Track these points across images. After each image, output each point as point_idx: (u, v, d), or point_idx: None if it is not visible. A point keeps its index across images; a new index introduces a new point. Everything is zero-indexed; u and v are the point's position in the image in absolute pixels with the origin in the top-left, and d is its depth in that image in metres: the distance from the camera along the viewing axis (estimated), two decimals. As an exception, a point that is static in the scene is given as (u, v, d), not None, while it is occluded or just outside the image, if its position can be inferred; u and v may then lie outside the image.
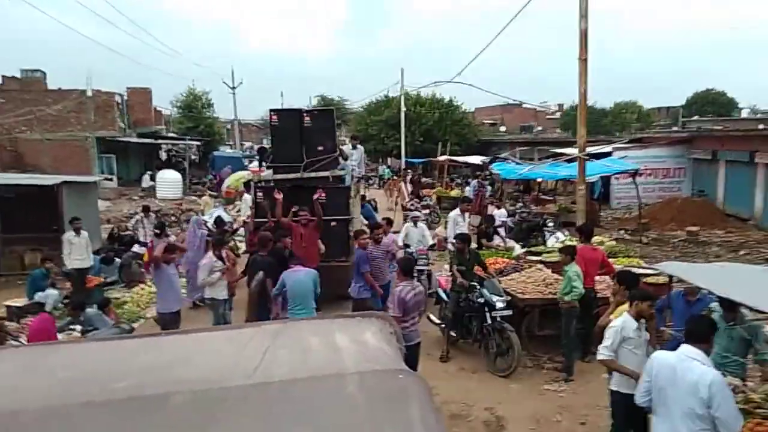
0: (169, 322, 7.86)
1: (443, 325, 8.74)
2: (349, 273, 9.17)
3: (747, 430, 4.32)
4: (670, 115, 61.84)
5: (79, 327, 8.94)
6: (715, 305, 5.41)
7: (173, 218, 19.66)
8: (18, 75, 32.51)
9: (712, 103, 60.43)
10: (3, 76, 31.84)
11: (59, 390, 2.07)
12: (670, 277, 5.21)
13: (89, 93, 28.39)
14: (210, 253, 8.48)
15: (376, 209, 16.85)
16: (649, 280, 8.11)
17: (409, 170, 32.94)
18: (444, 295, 9.01)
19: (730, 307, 5.19)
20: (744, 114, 58.33)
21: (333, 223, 10.54)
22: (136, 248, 13.79)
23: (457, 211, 12.04)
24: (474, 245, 11.07)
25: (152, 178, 30.17)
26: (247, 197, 15.42)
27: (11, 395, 2.02)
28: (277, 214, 9.80)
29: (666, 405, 3.92)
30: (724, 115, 53.93)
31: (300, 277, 7.32)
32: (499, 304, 7.82)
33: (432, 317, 9.04)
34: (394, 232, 11.17)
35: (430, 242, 11.45)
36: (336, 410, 1.85)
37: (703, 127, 31.22)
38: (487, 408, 6.83)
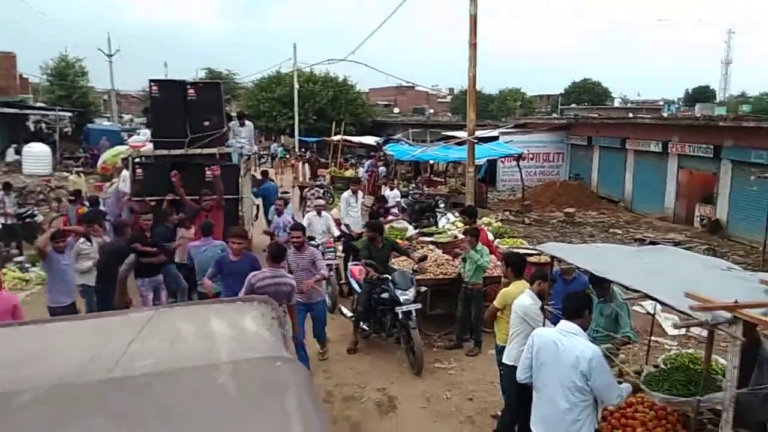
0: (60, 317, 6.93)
1: (354, 318, 8.27)
2: None
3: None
4: (550, 102, 65.64)
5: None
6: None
7: (41, 196, 17.96)
8: None
9: (589, 92, 64.80)
10: None
11: None
12: (552, 257, 5.40)
13: (-60, 55, 25.19)
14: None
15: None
16: (532, 259, 8.47)
17: (306, 150, 32.48)
18: (356, 287, 8.56)
19: (600, 284, 5.51)
20: (616, 103, 63.19)
21: (219, 201, 10.02)
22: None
23: (348, 192, 11.96)
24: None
25: (17, 151, 27.44)
26: (125, 174, 14.38)
27: None
28: (179, 194, 9.47)
29: (546, 379, 4.06)
30: (599, 104, 58.07)
31: (207, 252, 7.45)
32: (404, 298, 7.37)
33: (344, 309, 8.75)
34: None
35: (336, 233, 10.39)
36: (204, 403, 1.68)
37: (580, 115, 33.32)
38: (380, 389, 6.87)
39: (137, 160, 10.96)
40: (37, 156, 25.99)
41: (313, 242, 9.08)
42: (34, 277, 11.02)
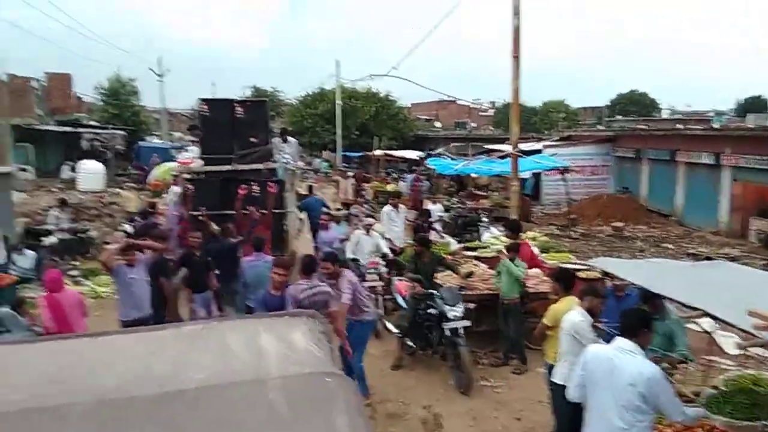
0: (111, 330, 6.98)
1: (399, 334, 8.12)
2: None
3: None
4: (596, 114, 64.42)
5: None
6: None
7: (94, 211, 18.59)
8: None
9: (635, 104, 63.31)
10: None
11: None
12: (605, 273, 5.24)
13: (3, 77, 26.50)
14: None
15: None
16: (582, 275, 8.26)
17: (348, 165, 32.74)
18: (402, 302, 8.44)
19: (653, 301, 5.31)
20: (664, 114, 61.50)
21: (266, 215, 10.14)
22: (46, 240, 13.00)
23: (389, 206, 11.93)
24: (410, 240, 10.99)
25: (72, 169, 28.54)
26: (175, 189, 14.76)
27: None
28: (236, 208, 9.56)
29: (600, 398, 3.92)
30: (646, 115, 56.65)
31: (258, 267, 7.57)
32: (453, 314, 7.20)
33: (389, 325, 8.63)
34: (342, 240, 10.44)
35: (386, 250, 9.90)
36: (255, 419, 1.67)
37: (627, 127, 32.59)
38: (425, 406, 6.75)
39: (187, 176, 11.25)
40: (90, 173, 26.91)
41: (358, 263, 9.31)
42: (87, 291, 11.36)
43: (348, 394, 1.75)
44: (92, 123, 37.60)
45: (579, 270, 8.49)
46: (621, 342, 3.93)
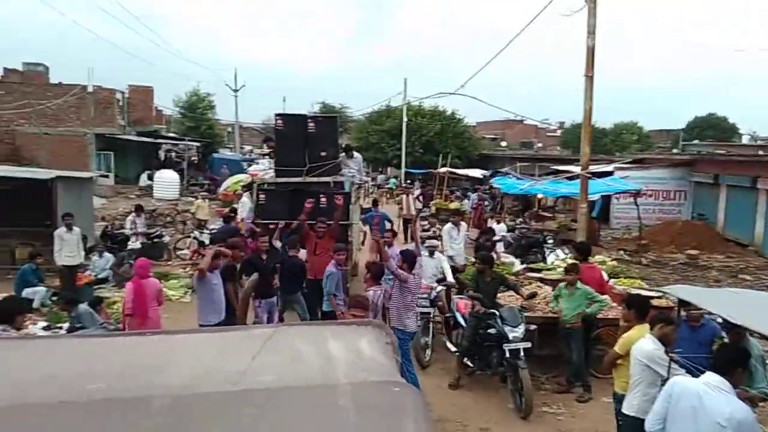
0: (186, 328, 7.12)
1: (458, 353, 8.03)
2: (347, 278, 9.16)
3: None
4: (671, 137, 61.98)
5: (65, 326, 8.73)
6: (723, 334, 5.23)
7: (168, 219, 19.43)
8: (20, 68, 32.42)
9: (714, 128, 60.61)
10: (5, 68, 31.76)
11: (30, 388, 1.89)
12: (680, 301, 4.99)
13: (90, 89, 28.27)
14: None
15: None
16: (653, 302, 7.90)
17: (412, 182, 32.79)
18: (461, 320, 8.25)
19: (735, 333, 5.01)
20: (745, 140, 58.51)
21: (331, 226, 10.33)
22: (130, 245, 13.65)
23: (450, 224, 11.88)
24: (472, 259, 10.87)
25: (150, 177, 29.98)
26: (246, 200, 15.29)
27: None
28: (302, 221, 9.67)
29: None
30: (725, 140, 54.04)
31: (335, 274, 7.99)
32: (514, 335, 7.09)
33: (448, 343, 8.53)
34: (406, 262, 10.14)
35: (450, 277, 9.48)
36: (325, 422, 1.67)
37: (705, 151, 31.19)
38: (482, 428, 6.62)
39: (260, 186, 11.78)
40: (166, 182, 28.21)
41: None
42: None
43: (416, 404, 1.73)
44: (170, 135, 39.46)
45: (650, 297, 8.13)
46: (711, 377, 3.71)
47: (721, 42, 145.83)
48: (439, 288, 9.10)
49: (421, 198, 22.95)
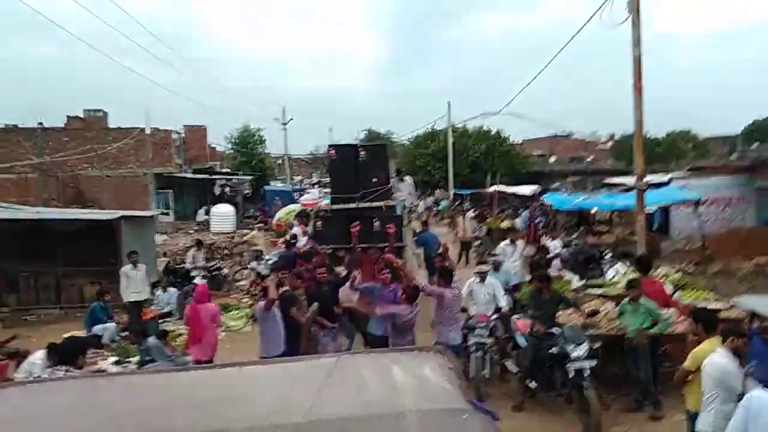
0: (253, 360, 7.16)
1: (519, 374, 7.89)
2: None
3: None
4: (728, 144, 59.65)
5: (134, 359, 9.05)
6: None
7: (226, 251, 19.97)
8: (81, 115, 34.25)
9: (774, 131, 57.96)
10: (68, 116, 33.60)
11: (114, 426, 2.00)
12: (752, 312, 4.79)
13: (147, 131, 29.58)
14: None
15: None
16: (723, 314, 7.59)
17: (461, 202, 32.59)
18: (522, 340, 8.06)
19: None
20: (809, 141, 55.62)
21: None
22: (196, 280, 14.09)
23: (507, 241, 11.88)
24: (528, 277, 10.70)
25: (207, 212, 30.93)
26: (296, 229, 15.68)
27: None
28: (353, 244, 9.89)
29: None
30: (787, 142, 51.56)
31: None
32: (576, 354, 6.87)
33: (508, 365, 8.36)
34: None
35: (504, 303, 8.80)
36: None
37: (765, 155, 29.79)
38: (551, 452, 6.44)
39: (318, 213, 12.56)
40: (223, 216, 29.01)
41: (468, 313, 8.52)
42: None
43: (486, 430, 1.75)
44: (224, 170, 40.74)
45: (718, 310, 7.82)
46: None
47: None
48: (495, 317, 8.50)
49: (478, 219, 22.38)
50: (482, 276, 8.98)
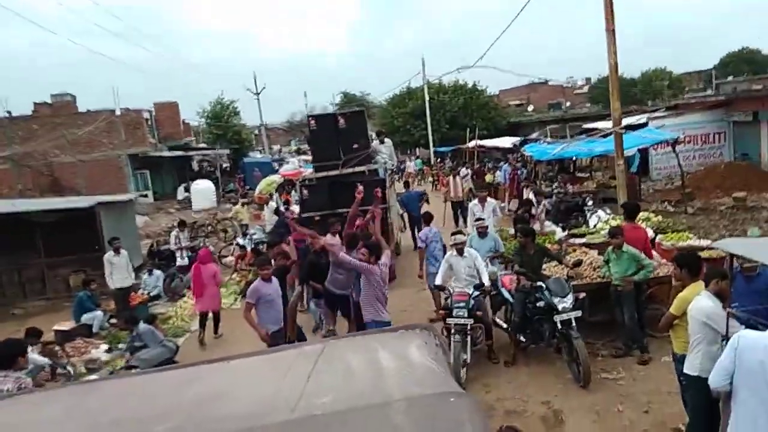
0: (268, 344, 6.84)
1: (509, 329, 7.92)
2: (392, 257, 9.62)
3: None
4: (703, 78, 59.82)
5: (124, 346, 9.04)
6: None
7: (210, 228, 19.81)
8: (49, 100, 33.33)
9: (748, 62, 58.17)
10: (35, 103, 32.69)
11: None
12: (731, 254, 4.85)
13: (118, 112, 28.93)
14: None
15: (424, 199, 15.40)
16: (704, 254, 7.70)
17: (442, 160, 32.43)
18: (508, 296, 8.09)
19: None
20: (783, 69, 56.03)
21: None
22: (178, 261, 14.00)
23: (475, 201, 11.59)
24: (511, 230, 10.74)
25: (186, 189, 30.58)
26: (272, 204, 15.82)
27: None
28: (353, 210, 9.29)
29: (750, 391, 3.64)
30: (761, 73, 51.83)
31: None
32: (563, 306, 6.98)
33: (498, 320, 8.38)
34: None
35: (487, 280, 7.83)
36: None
37: (739, 88, 30.00)
38: (544, 402, 6.58)
39: (302, 182, 12.81)
40: (203, 192, 28.73)
41: (443, 293, 8.03)
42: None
43: (473, 414, 1.74)
44: (200, 145, 40.13)
45: (701, 249, 7.95)
46: None
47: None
48: (476, 294, 7.62)
49: (474, 177, 21.41)
50: (459, 248, 8.02)
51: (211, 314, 10.12)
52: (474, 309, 7.45)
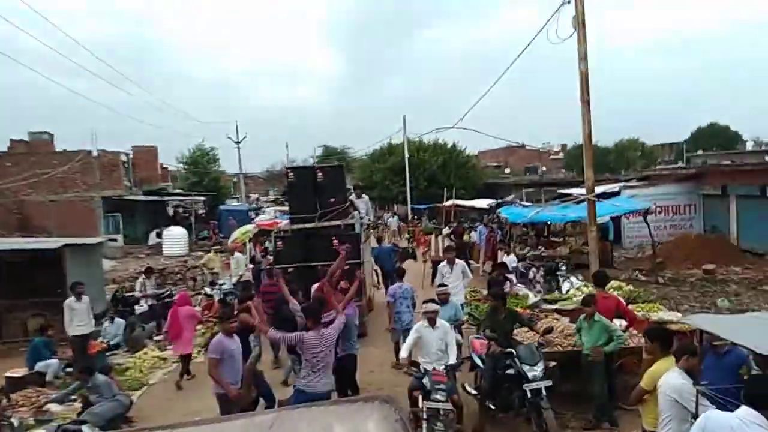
0: (224, 404, 6.62)
1: (479, 396, 7.57)
2: (363, 313, 10.11)
3: None
4: (674, 150, 61.93)
5: (77, 399, 8.60)
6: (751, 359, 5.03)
7: (179, 276, 19.39)
8: (26, 138, 33.01)
9: (717, 137, 60.55)
10: (11, 140, 32.39)
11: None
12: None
13: (95, 153, 28.73)
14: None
15: (401, 253, 15.93)
16: (674, 327, 7.69)
17: (419, 218, 32.46)
18: (479, 361, 7.85)
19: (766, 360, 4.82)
20: (749, 146, 58.30)
21: (346, 267, 10.03)
22: (137, 308, 13.59)
23: (444, 262, 10.81)
24: (485, 291, 10.62)
25: (158, 235, 30.12)
26: (239, 255, 15.78)
27: None
28: (340, 264, 9.07)
29: None
30: (729, 148, 53.88)
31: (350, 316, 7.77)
32: (532, 374, 6.81)
33: (467, 387, 7.98)
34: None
35: (453, 360, 7.20)
36: None
37: (709, 162, 31.03)
38: (509, 474, 6.34)
39: (277, 233, 12.85)
40: (175, 238, 28.29)
41: (413, 369, 7.17)
42: (170, 355, 11.67)
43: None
44: (176, 191, 39.84)
45: (671, 322, 7.93)
46: (745, 412, 3.57)
47: (716, 51, 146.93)
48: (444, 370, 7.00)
49: (452, 237, 20.77)
50: (431, 318, 7.31)
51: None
52: (451, 392, 6.80)
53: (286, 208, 19.21)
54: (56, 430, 7.05)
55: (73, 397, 9.08)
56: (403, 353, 7.23)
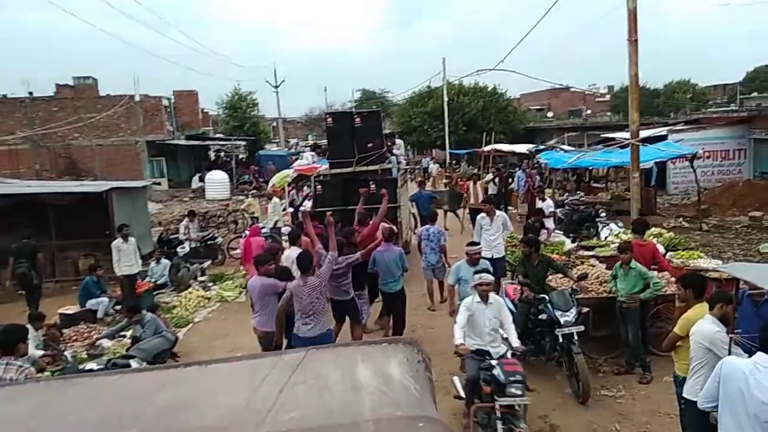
0: (265, 343, 6.97)
1: None
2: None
3: None
4: (727, 92, 58.90)
5: (128, 334, 9.05)
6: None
7: (221, 219, 19.88)
8: (71, 83, 33.65)
9: (775, 79, 57.22)
10: (57, 85, 33.05)
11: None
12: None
13: (137, 98, 29.14)
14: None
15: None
16: (712, 275, 7.55)
17: (457, 162, 32.13)
18: (512, 306, 7.74)
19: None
20: (810, 87, 55.02)
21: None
22: (179, 250, 14.09)
23: (482, 214, 10.22)
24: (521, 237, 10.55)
25: (201, 179, 30.72)
26: (276, 200, 16.00)
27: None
28: (359, 207, 10.40)
29: (733, 415, 3.61)
30: (788, 90, 50.95)
31: (386, 255, 8.51)
32: (565, 319, 6.87)
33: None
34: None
35: (516, 342, 6.10)
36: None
37: (764, 105, 29.42)
38: (541, 416, 6.49)
39: (318, 178, 13.22)
40: (217, 182, 28.84)
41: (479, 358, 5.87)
42: (214, 295, 12.13)
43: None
44: (217, 135, 40.33)
45: (709, 270, 7.79)
46: (761, 357, 3.54)
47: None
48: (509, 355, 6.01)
49: (496, 182, 19.87)
50: (484, 292, 6.11)
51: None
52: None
53: (316, 155, 20.42)
54: (106, 364, 7.48)
55: (122, 333, 9.57)
56: (457, 336, 5.88)
